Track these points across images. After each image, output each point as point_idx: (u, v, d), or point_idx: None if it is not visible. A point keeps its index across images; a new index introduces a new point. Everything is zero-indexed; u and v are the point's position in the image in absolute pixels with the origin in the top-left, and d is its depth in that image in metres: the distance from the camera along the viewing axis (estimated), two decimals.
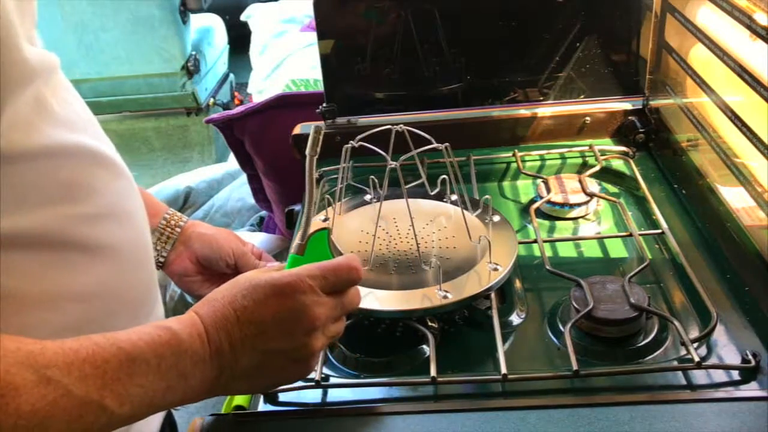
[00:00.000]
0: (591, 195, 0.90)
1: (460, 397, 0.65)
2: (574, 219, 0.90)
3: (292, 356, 0.57)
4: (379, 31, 1.04)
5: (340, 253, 0.69)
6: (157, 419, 0.68)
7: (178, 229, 0.84)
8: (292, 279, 0.57)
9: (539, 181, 0.95)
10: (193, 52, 2.84)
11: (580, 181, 0.92)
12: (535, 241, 0.82)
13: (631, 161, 0.97)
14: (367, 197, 0.87)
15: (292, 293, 0.57)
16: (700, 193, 0.85)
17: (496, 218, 0.81)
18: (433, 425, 0.60)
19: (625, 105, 1.03)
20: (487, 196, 0.82)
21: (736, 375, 0.63)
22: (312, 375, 0.66)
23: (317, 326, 0.57)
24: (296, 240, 0.65)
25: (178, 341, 0.52)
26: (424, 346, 0.70)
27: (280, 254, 1.54)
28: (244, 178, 1.66)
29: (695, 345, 0.65)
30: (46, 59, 0.56)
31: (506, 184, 1.01)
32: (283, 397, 0.66)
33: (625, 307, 0.68)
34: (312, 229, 0.64)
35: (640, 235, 0.81)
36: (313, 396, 0.66)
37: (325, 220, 0.84)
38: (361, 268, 0.61)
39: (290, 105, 1.38)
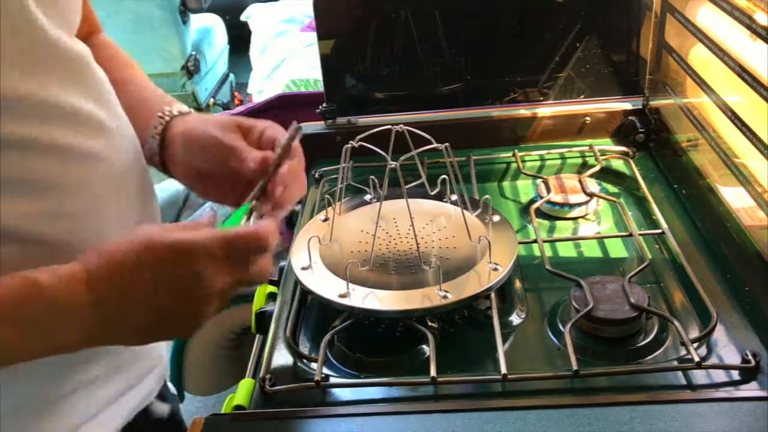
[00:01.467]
0: (591, 195, 0.90)
1: (460, 397, 0.65)
2: (574, 219, 0.90)
3: (185, 318, 0.57)
4: (379, 31, 1.04)
5: None
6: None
7: (160, 128, 0.72)
8: (191, 244, 0.55)
9: (539, 181, 0.95)
10: (193, 52, 2.84)
11: (580, 181, 0.92)
12: (535, 241, 0.82)
13: (631, 161, 0.97)
14: (367, 197, 0.87)
15: (190, 259, 0.55)
16: (700, 193, 0.85)
17: (496, 218, 0.81)
18: (433, 425, 0.60)
19: (625, 105, 1.03)
20: (487, 196, 0.82)
21: (736, 375, 0.63)
22: (312, 375, 0.66)
23: (213, 294, 0.56)
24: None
25: (38, 292, 0.51)
26: (424, 346, 0.70)
27: (279, 254, 1.54)
28: None
29: (695, 345, 0.65)
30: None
31: (506, 184, 1.01)
32: (283, 397, 0.66)
33: (625, 307, 0.68)
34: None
35: (640, 235, 0.81)
36: (313, 396, 0.66)
37: (325, 220, 0.84)
38: (274, 237, 0.58)
39: (290, 105, 1.39)
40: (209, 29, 3.08)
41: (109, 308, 0.54)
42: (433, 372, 0.64)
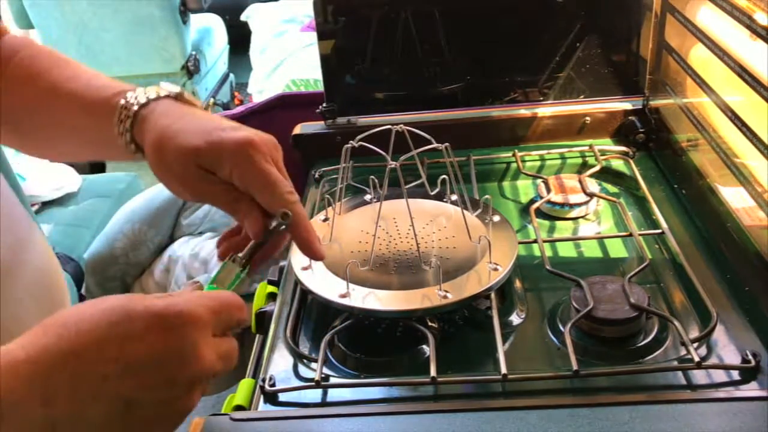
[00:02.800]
0: (591, 195, 0.90)
1: (460, 397, 0.65)
2: (574, 219, 0.90)
3: (163, 410, 0.45)
4: (379, 31, 1.04)
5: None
6: None
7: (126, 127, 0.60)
8: (183, 307, 0.44)
9: (539, 181, 0.95)
10: (193, 52, 2.84)
11: (580, 181, 0.92)
12: (535, 241, 0.82)
13: (631, 161, 0.97)
14: (367, 197, 0.87)
15: (180, 326, 0.44)
16: (700, 193, 0.85)
17: (496, 218, 0.81)
18: (433, 425, 0.60)
19: (625, 105, 1.03)
20: (487, 196, 0.82)
21: (736, 375, 0.63)
22: (312, 375, 0.66)
23: (204, 374, 0.45)
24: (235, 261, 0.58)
25: None
26: (424, 346, 0.70)
27: (280, 254, 1.54)
28: None
29: (695, 345, 0.65)
30: None
31: (506, 184, 1.01)
32: (283, 397, 0.66)
33: (625, 307, 0.68)
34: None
35: (640, 235, 0.81)
36: (313, 396, 0.66)
37: (325, 220, 0.84)
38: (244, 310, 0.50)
39: (290, 105, 1.39)
40: (209, 29, 3.08)
41: (55, 402, 0.41)
42: (433, 372, 0.64)
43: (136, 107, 0.60)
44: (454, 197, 0.83)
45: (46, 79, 0.65)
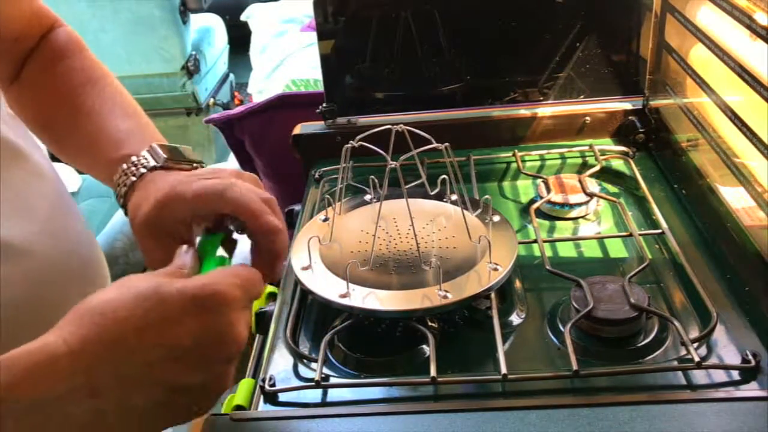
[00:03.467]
0: (591, 195, 0.90)
1: (460, 397, 0.65)
2: (574, 219, 0.90)
3: (204, 390, 0.46)
4: (379, 31, 1.04)
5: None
6: None
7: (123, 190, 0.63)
8: (217, 288, 0.45)
9: (539, 181, 0.95)
10: (193, 52, 2.84)
11: (580, 181, 0.92)
12: (535, 241, 0.82)
13: (631, 161, 0.97)
14: (367, 197, 0.87)
15: (216, 307, 0.45)
16: (700, 193, 0.85)
17: (496, 218, 0.81)
18: (433, 425, 0.60)
19: (625, 105, 1.03)
20: (487, 196, 0.82)
21: (736, 375, 0.63)
22: (312, 375, 0.66)
23: (239, 351, 0.47)
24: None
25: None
26: (424, 346, 0.70)
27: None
28: None
29: (695, 345, 0.65)
30: None
31: (506, 184, 1.01)
32: (283, 397, 0.66)
33: (625, 307, 0.68)
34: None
35: (640, 235, 0.81)
36: (313, 396, 0.66)
37: (325, 220, 0.84)
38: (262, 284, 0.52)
39: (290, 105, 1.39)
40: (209, 29, 3.08)
41: (102, 391, 0.42)
42: (433, 372, 0.64)
43: (134, 178, 0.63)
44: (454, 197, 0.82)
45: (72, 102, 0.68)
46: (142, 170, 0.62)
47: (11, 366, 0.40)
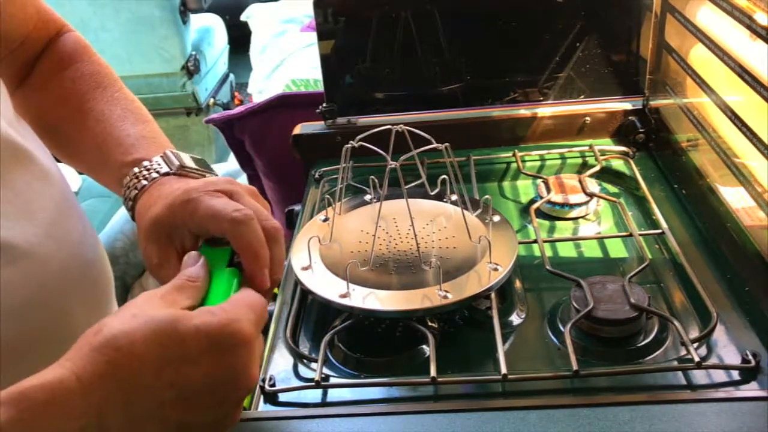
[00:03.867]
0: (591, 195, 0.90)
1: (460, 397, 0.65)
2: (574, 219, 0.90)
3: (211, 427, 0.46)
4: (379, 31, 1.04)
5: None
6: None
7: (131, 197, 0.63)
8: (236, 327, 0.44)
9: (539, 181, 0.95)
10: (193, 52, 2.84)
11: (580, 181, 0.92)
12: (535, 241, 0.82)
13: (631, 161, 0.97)
14: (367, 197, 0.87)
15: (233, 348, 0.44)
16: (700, 193, 0.85)
17: (496, 218, 0.81)
18: (433, 425, 0.60)
19: (625, 105, 1.03)
20: (487, 196, 0.82)
21: (736, 375, 0.63)
22: (312, 375, 0.66)
23: (250, 391, 0.47)
24: None
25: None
26: (424, 346, 0.70)
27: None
28: (244, 178, 1.66)
29: (695, 345, 0.65)
30: None
31: (506, 184, 1.01)
32: (283, 397, 0.66)
33: (625, 307, 0.68)
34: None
35: (640, 235, 0.81)
36: (313, 396, 0.66)
37: (325, 220, 0.84)
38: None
39: (290, 105, 1.39)
40: (209, 29, 3.08)
41: (107, 428, 0.41)
42: (433, 372, 0.64)
43: (146, 182, 0.63)
44: (454, 197, 0.82)
45: (81, 107, 0.69)
46: (155, 175, 0.62)
47: (21, 400, 0.39)
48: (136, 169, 0.63)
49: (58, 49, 0.73)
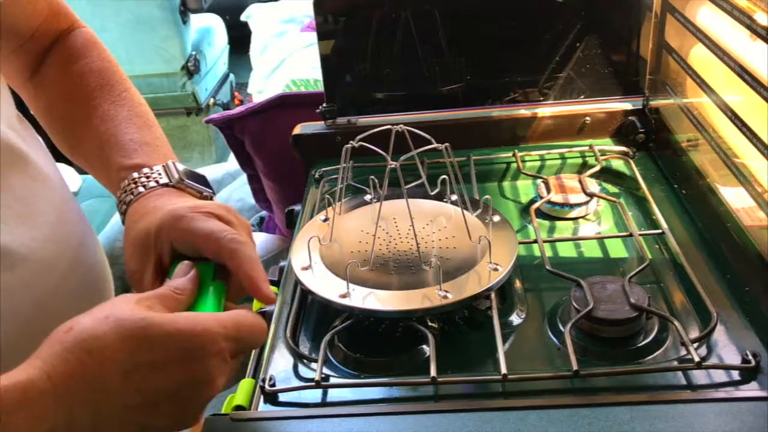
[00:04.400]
0: (591, 195, 0.90)
1: (460, 397, 0.65)
2: (574, 219, 0.90)
3: (172, 428, 0.47)
4: (379, 31, 1.04)
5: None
6: None
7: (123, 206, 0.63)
8: (205, 338, 0.45)
9: (539, 181, 0.95)
10: (193, 52, 2.85)
11: (580, 181, 0.92)
12: (535, 241, 0.82)
13: (631, 161, 0.97)
14: (367, 197, 0.87)
15: (202, 357, 0.45)
16: (700, 193, 0.85)
17: (496, 218, 0.81)
18: (433, 425, 0.60)
19: (625, 105, 1.03)
20: (487, 196, 0.82)
21: (736, 375, 0.63)
22: (312, 375, 0.66)
23: (212, 397, 0.47)
24: None
25: None
26: (424, 346, 0.70)
27: (280, 254, 1.54)
28: (244, 178, 1.66)
29: (695, 345, 0.65)
30: None
31: (506, 184, 1.01)
32: (283, 397, 0.66)
33: (625, 307, 0.68)
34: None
35: (640, 235, 0.81)
36: (313, 396, 0.66)
37: (325, 220, 0.84)
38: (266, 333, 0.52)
39: (290, 105, 1.39)
40: (209, 29, 3.08)
41: (75, 428, 0.42)
42: (433, 372, 0.64)
43: (143, 189, 0.63)
44: (454, 197, 0.82)
45: (86, 104, 0.69)
46: (153, 184, 0.62)
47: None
48: (135, 174, 0.63)
49: (68, 44, 0.73)
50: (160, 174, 0.63)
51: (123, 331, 0.44)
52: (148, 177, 0.63)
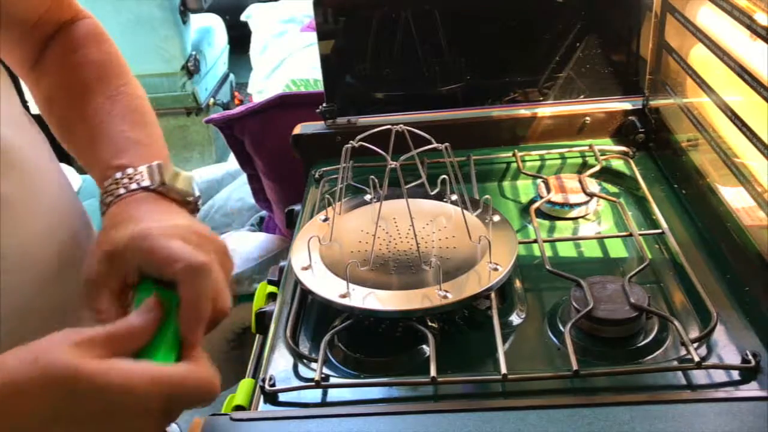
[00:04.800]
0: (591, 195, 0.90)
1: (460, 397, 0.65)
2: (574, 219, 0.90)
3: None
4: (379, 31, 1.04)
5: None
6: None
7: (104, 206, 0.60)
8: (135, 396, 0.43)
9: (539, 181, 0.95)
10: (193, 52, 2.84)
11: (580, 181, 0.92)
12: (535, 241, 0.82)
13: (631, 161, 0.97)
14: (367, 197, 0.87)
15: (128, 417, 0.43)
16: (700, 193, 0.85)
17: (496, 218, 0.81)
18: (433, 425, 0.60)
19: (625, 105, 1.03)
20: (487, 196, 0.82)
21: (736, 375, 0.63)
22: (312, 375, 0.66)
23: None
24: None
25: None
26: (424, 346, 0.70)
27: (280, 254, 1.54)
28: (244, 178, 1.66)
29: (695, 345, 0.65)
30: None
31: (506, 184, 1.01)
32: (283, 397, 0.66)
33: (625, 307, 0.68)
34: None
35: (640, 235, 0.81)
36: (313, 396, 0.66)
37: (325, 220, 0.84)
38: (218, 389, 0.47)
39: (290, 105, 1.39)
40: (209, 29, 3.08)
41: None
42: (433, 372, 0.64)
43: (123, 191, 0.60)
44: (454, 197, 0.83)
45: (82, 96, 0.67)
46: (134, 186, 0.60)
47: None
48: (118, 175, 0.61)
49: (69, 34, 0.72)
50: (142, 175, 0.61)
51: (49, 379, 0.42)
52: (130, 178, 0.60)
